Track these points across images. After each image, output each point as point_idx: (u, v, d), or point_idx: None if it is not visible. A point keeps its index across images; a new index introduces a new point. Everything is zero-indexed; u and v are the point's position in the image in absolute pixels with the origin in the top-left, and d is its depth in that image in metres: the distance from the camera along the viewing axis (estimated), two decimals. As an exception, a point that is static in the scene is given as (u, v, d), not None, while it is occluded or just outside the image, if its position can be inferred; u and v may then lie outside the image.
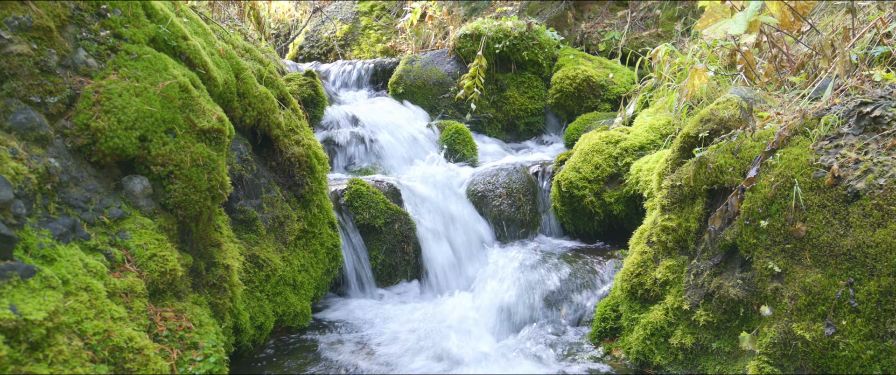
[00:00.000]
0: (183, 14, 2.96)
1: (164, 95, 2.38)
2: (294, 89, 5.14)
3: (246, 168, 3.02)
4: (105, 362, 1.88)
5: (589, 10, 7.39)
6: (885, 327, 2.00)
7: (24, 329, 1.68)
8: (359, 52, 8.79)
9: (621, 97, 5.74)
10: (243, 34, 5.09)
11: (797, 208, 2.26)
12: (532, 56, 6.43)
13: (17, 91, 2.07)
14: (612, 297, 3.10)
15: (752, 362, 2.28)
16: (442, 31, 7.94)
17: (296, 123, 3.45)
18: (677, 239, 2.73)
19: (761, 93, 2.99)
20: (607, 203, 4.12)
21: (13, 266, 1.76)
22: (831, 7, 3.88)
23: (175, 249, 2.35)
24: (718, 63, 3.81)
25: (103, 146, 2.23)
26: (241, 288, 2.73)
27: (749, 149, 2.53)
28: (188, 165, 2.39)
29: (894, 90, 2.32)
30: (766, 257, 2.32)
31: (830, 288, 2.12)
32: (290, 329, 3.28)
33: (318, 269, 3.39)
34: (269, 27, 8.37)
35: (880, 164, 2.13)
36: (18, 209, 1.87)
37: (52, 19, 2.22)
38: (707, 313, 2.50)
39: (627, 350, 2.84)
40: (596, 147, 4.25)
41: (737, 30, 2.61)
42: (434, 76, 6.47)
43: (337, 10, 9.28)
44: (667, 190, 2.82)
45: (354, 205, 3.87)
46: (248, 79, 3.09)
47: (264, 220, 3.05)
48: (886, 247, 2.02)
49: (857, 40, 2.89)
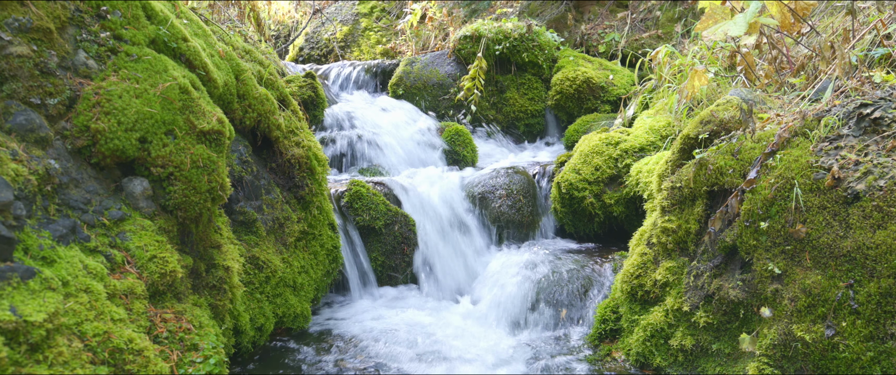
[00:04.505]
0: (183, 15, 2.96)
1: (164, 97, 2.38)
2: (294, 91, 5.14)
3: (246, 169, 3.02)
4: (105, 363, 1.88)
5: (589, 12, 7.39)
6: (885, 328, 2.00)
7: (24, 330, 1.67)
8: (359, 54, 8.80)
9: (621, 98, 5.74)
10: (243, 36, 5.09)
11: (797, 209, 2.26)
12: (532, 57, 6.44)
13: (17, 92, 2.07)
14: (612, 299, 3.10)
15: (751, 363, 2.28)
16: (442, 33, 7.94)
17: (296, 125, 3.46)
18: (677, 240, 2.73)
19: (761, 95, 2.99)
20: (607, 204, 4.12)
21: (13, 267, 1.76)
22: (831, 8, 3.88)
23: (175, 251, 2.35)
24: (718, 64, 3.81)
25: (103, 147, 2.23)
26: (241, 290, 2.73)
27: (749, 150, 2.53)
28: (188, 167, 2.39)
29: (894, 92, 2.33)
30: (766, 258, 2.31)
31: (830, 290, 2.12)
32: (290, 330, 3.28)
33: (317, 270, 3.39)
34: (269, 29, 8.38)
35: (880, 166, 2.13)
36: (18, 210, 1.87)
37: (51, 21, 2.22)
38: (707, 314, 2.50)
39: (627, 352, 2.84)
40: (596, 148, 4.25)
41: (737, 31, 2.61)
42: (434, 78, 6.48)
43: (337, 11, 9.28)
44: (667, 192, 2.82)
45: (354, 207, 3.87)
46: (248, 81, 3.09)
47: (264, 222, 3.05)
48: (886, 249, 2.02)
49: (857, 42, 2.90)
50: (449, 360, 2.95)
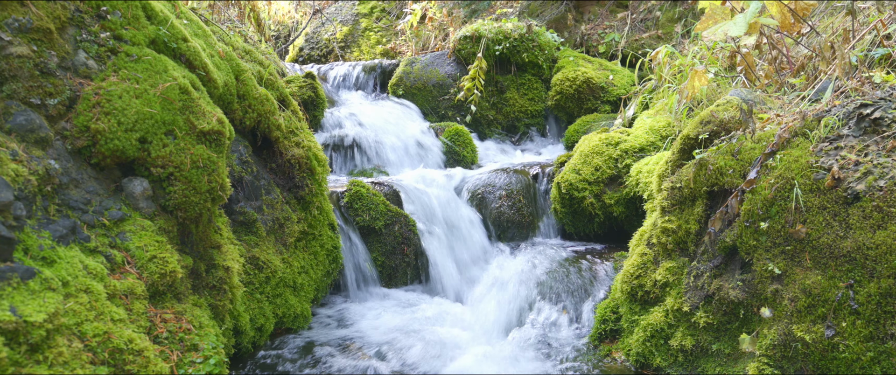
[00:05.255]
0: (183, 16, 2.96)
1: (164, 97, 2.38)
2: (294, 91, 5.15)
3: (246, 169, 3.03)
4: (105, 364, 1.88)
5: (589, 12, 7.39)
6: (885, 329, 2.00)
7: (24, 330, 1.67)
8: (359, 54, 8.80)
9: (621, 99, 5.75)
10: (243, 36, 5.10)
11: (797, 210, 2.26)
12: (532, 58, 6.44)
13: (17, 93, 2.07)
14: (612, 299, 3.10)
15: (752, 364, 2.28)
16: (442, 33, 7.94)
17: (296, 125, 3.46)
18: (677, 240, 2.73)
19: (761, 95, 2.99)
20: (607, 204, 4.12)
21: (13, 267, 1.76)
22: (831, 9, 3.89)
23: (175, 251, 2.35)
24: (718, 65, 3.81)
25: (103, 148, 2.23)
26: (241, 290, 2.73)
27: (749, 150, 2.53)
28: (188, 167, 2.39)
29: (894, 92, 2.33)
30: (766, 259, 2.31)
31: (830, 290, 2.12)
32: (290, 330, 3.28)
33: (317, 271, 3.39)
34: (269, 29, 8.37)
35: (880, 166, 2.13)
36: (18, 211, 1.87)
37: (52, 21, 2.22)
38: (707, 315, 2.50)
39: (627, 352, 2.84)
40: (596, 149, 4.25)
41: (737, 31, 2.61)
42: (434, 78, 6.48)
43: (337, 11, 9.29)
44: (667, 192, 2.82)
45: (354, 207, 3.87)
46: (248, 81, 3.09)
47: (264, 222, 3.05)
48: (886, 249, 2.02)
49: (857, 42, 2.90)
50: (449, 359, 2.95)
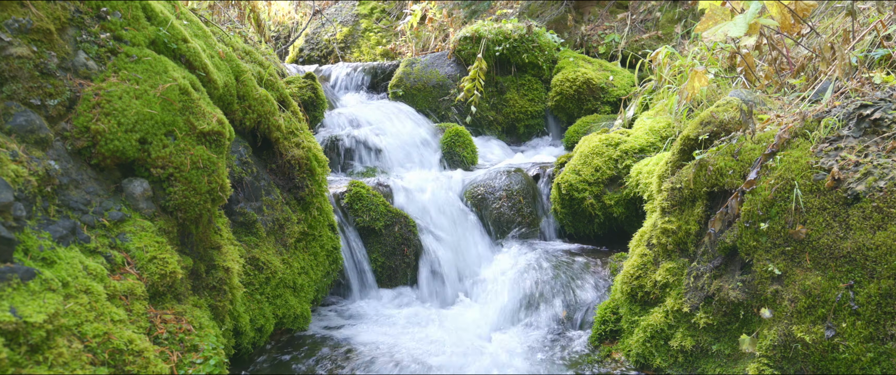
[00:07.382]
0: (183, 16, 2.96)
1: (164, 98, 2.38)
2: (294, 92, 5.15)
3: (246, 170, 3.03)
4: (105, 364, 1.88)
5: (589, 13, 7.39)
6: (885, 329, 2.00)
7: (24, 331, 1.67)
8: (359, 55, 8.80)
9: (621, 99, 5.75)
10: (243, 36, 5.10)
11: (797, 210, 2.26)
12: (532, 58, 6.44)
13: (17, 93, 2.07)
14: (612, 299, 3.10)
15: (752, 364, 2.28)
16: (442, 34, 7.95)
17: (296, 126, 3.46)
18: (677, 241, 2.73)
19: (761, 96, 2.99)
20: (607, 205, 4.11)
21: (13, 268, 1.76)
22: (831, 9, 3.89)
23: (175, 252, 2.35)
24: (718, 65, 3.82)
25: (103, 148, 2.23)
26: (241, 291, 2.73)
27: (749, 151, 2.53)
28: (188, 168, 2.39)
29: (894, 93, 2.33)
30: (766, 259, 2.31)
31: (830, 291, 2.12)
32: (289, 331, 3.28)
33: (317, 271, 3.39)
34: (269, 30, 8.38)
35: (880, 167, 2.13)
36: (18, 211, 1.87)
37: (51, 21, 2.22)
38: (707, 315, 2.50)
39: (627, 353, 2.84)
40: (596, 149, 4.25)
41: (737, 32, 2.62)
42: (434, 78, 6.48)
43: (337, 12, 9.29)
44: (667, 193, 2.82)
45: (354, 208, 3.87)
46: (248, 82, 3.09)
47: (264, 223, 3.05)
48: (886, 250, 2.02)
49: (857, 43, 2.90)
50: (449, 360, 2.95)
